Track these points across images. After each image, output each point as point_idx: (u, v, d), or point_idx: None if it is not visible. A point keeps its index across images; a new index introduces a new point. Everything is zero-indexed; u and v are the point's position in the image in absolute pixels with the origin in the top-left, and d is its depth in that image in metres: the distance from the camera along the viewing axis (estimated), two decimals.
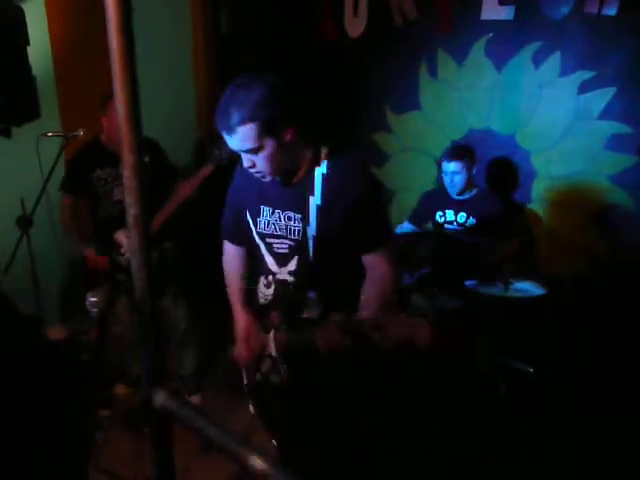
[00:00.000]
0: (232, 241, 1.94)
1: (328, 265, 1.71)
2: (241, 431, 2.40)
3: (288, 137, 1.55)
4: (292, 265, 1.75)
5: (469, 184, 3.09)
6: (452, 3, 3.43)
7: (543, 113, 3.31)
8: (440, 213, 3.19)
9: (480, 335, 2.81)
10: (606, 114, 3.11)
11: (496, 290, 2.71)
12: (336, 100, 3.90)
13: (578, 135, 3.22)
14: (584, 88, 3.14)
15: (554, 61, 3.20)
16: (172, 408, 0.98)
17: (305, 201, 1.66)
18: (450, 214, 3.16)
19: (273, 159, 1.56)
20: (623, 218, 3.17)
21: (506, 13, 3.26)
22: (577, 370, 2.86)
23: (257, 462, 0.85)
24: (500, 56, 3.37)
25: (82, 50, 3.39)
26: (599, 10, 2.98)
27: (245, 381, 1.91)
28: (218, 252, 2.01)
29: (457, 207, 3.14)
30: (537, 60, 3.25)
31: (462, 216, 3.11)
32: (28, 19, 2.60)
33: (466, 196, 3.12)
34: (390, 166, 3.94)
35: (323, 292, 1.73)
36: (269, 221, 1.75)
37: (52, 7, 3.36)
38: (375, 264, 1.70)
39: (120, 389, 2.95)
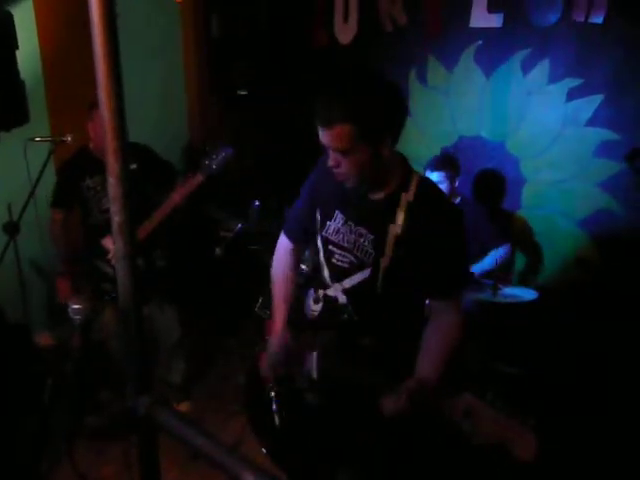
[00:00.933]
0: (289, 235, 1.82)
1: (391, 298, 1.58)
2: (231, 440, 2.39)
3: (385, 150, 1.44)
4: (348, 283, 1.62)
5: (451, 195, 3.08)
6: (442, 10, 3.46)
7: (532, 120, 3.33)
8: None
9: (469, 340, 2.81)
10: (594, 121, 3.14)
11: (484, 295, 2.72)
12: None
13: (567, 142, 3.25)
14: (572, 95, 3.17)
15: (542, 68, 3.23)
16: (157, 416, 0.97)
17: (384, 225, 1.52)
18: None
19: (362, 167, 1.45)
20: (612, 224, 3.19)
21: (495, 20, 3.29)
22: (567, 375, 2.87)
23: (244, 472, 0.85)
24: (489, 63, 3.40)
25: (71, 55, 3.37)
26: (586, 18, 3.02)
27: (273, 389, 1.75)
28: (208, 261, 1.96)
29: None
30: (526, 67, 3.28)
31: None
32: (17, 23, 2.58)
33: None
34: None
35: (376, 324, 1.61)
36: (339, 229, 1.62)
37: (41, 11, 3.35)
38: (444, 311, 1.55)
39: (107, 396, 2.93)
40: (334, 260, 1.64)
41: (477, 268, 2.99)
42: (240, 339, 3.27)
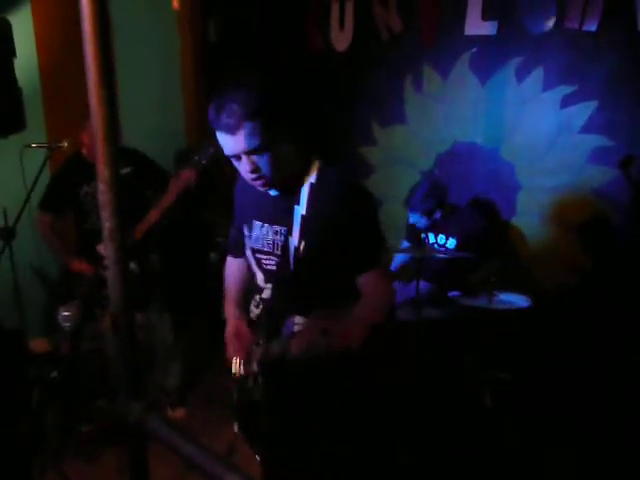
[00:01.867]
0: (232, 253, 1.91)
1: (310, 283, 1.61)
2: (225, 446, 2.38)
3: (290, 141, 1.51)
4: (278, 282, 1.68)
5: (441, 217, 3.06)
6: (437, 18, 3.48)
7: (527, 127, 3.35)
8: (423, 235, 3.19)
9: (465, 346, 2.82)
10: (588, 128, 3.15)
11: (480, 302, 2.73)
12: (322, 113, 3.93)
13: (561, 149, 3.26)
14: (566, 102, 3.19)
15: (537, 76, 3.25)
16: (148, 424, 0.97)
17: (290, 211, 1.58)
18: (431, 237, 3.16)
19: (277, 163, 1.48)
20: (607, 230, 3.20)
21: (489, 28, 3.31)
22: (562, 381, 2.87)
23: None
24: (484, 71, 3.41)
25: (68, 62, 3.38)
26: (580, 25, 3.03)
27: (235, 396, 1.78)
28: (203, 264, 2.01)
29: (436, 230, 3.12)
30: (520, 75, 3.30)
31: (442, 238, 3.11)
32: (14, 31, 2.61)
33: (436, 218, 3.08)
34: (375, 178, 3.96)
35: (304, 312, 1.63)
36: (259, 235, 1.68)
37: (39, 19, 3.37)
38: (371, 284, 1.59)
39: (102, 404, 2.92)
40: (264, 265, 1.70)
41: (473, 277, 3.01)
42: None
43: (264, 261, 1.69)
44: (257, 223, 1.69)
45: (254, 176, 1.50)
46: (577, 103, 3.15)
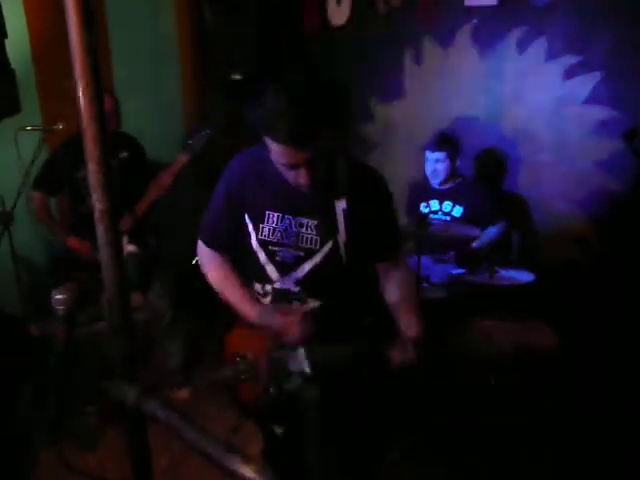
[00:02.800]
0: (214, 246, 1.73)
1: (350, 273, 1.64)
2: (227, 428, 2.39)
3: (339, 145, 1.50)
4: (298, 275, 1.63)
5: (452, 175, 3.08)
6: None
7: (529, 99, 3.29)
8: (424, 204, 3.17)
9: (467, 323, 2.81)
10: (592, 99, 3.10)
11: (482, 278, 2.71)
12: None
13: (564, 121, 3.21)
14: (570, 73, 3.13)
15: (539, 46, 3.18)
16: (146, 406, 0.96)
17: (326, 206, 1.56)
18: (434, 204, 3.15)
19: (329, 167, 1.48)
20: (611, 203, 3.17)
21: None
22: (566, 357, 2.87)
23: (235, 464, 0.84)
24: (485, 42, 3.35)
25: (61, 42, 3.32)
26: None
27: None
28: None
29: (441, 196, 3.13)
30: (522, 45, 3.23)
31: (447, 205, 3.11)
32: (5, 12, 2.55)
33: (449, 185, 3.12)
34: (375, 156, 3.92)
35: (333, 303, 1.66)
36: (275, 228, 1.60)
37: None
38: (394, 269, 1.67)
39: (105, 385, 2.93)
40: (278, 258, 1.63)
41: (476, 243, 3.00)
42: None
43: (280, 254, 1.62)
44: (273, 214, 1.61)
45: (306, 184, 1.46)
46: (581, 74, 3.09)
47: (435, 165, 3.04)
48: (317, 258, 1.60)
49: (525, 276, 2.73)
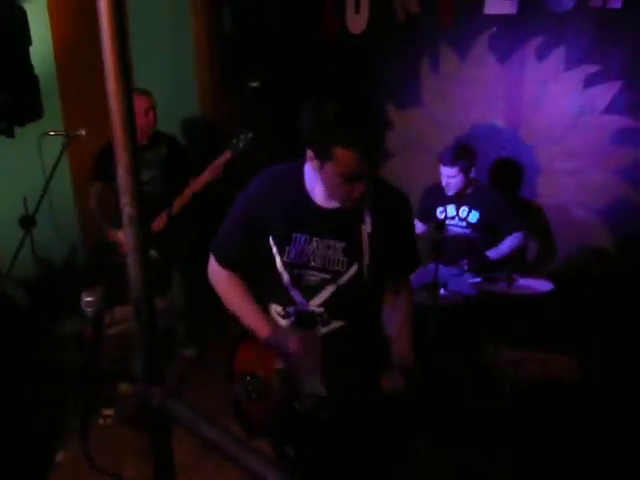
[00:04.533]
0: (227, 266, 1.69)
1: (371, 295, 1.64)
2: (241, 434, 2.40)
3: None
4: (321, 297, 1.61)
5: (467, 185, 3.06)
6: None
7: (548, 108, 3.28)
8: (441, 209, 3.17)
9: (484, 332, 2.79)
10: (612, 108, 3.08)
11: (500, 287, 2.69)
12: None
13: (583, 130, 3.19)
14: (589, 82, 3.11)
15: (558, 55, 3.17)
16: (169, 408, 0.98)
17: (353, 228, 1.55)
18: (451, 209, 3.14)
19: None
20: (630, 213, 3.14)
21: (509, 7, 3.23)
22: (583, 367, 2.84)
23: (256, 464, 0.85)
24: (503, 50, 3.35)
25: (84, 49, 3.38)
26: (604, 3, 2.95)
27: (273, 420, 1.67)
28: None
29: (458, 202, 3.12)
30: (541, 54, 3.23)
31: (464, 210, 3.09)
32: (30, 19, 2.61)
33: (466, 191, 3.10)
34: (392, 163, 3.92)
35: (356, 325, 1.65)
36: (302, 250, 1.57)
37: (54, 7, 3.37)
38: (401, 290, 1.68)
39: (123, 388, 2.97)
40: (304, 282, 1.61)
41: (493, 254, 2.98)
42: None
43: (306, 277, 1.60)
44: (301, 236, 1.57)
45: (358, 197, 1.46)
46: (601, 83, 3.07)
47: (448, 180, 3.04)
48: (343, 280, 1.58)
49: (543, 285, 2.71)
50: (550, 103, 3.26)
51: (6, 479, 1.78)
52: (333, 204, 1.54)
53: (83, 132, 2.69)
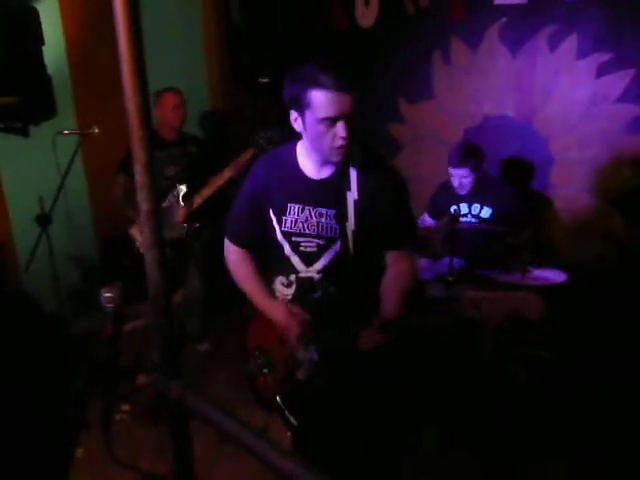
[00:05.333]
0: (239, 243, 1.83)
1: (363, 262, 1.69)
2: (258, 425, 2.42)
3: None
4: (320, 263, 1.70)
5: (478, 183, 3.04)
6: None
7: (560, 97, 3.25)
8: (454, 207, 3.16)
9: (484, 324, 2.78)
10: (625, 97, 3.05)
11: (514, 278, 2.68)
12: None
13: (596, 119, 3.16)
14: (602, 71, 3.08)
15: (570, 44, 3.14)
16: (188, 401, 0.99)
17: (341, 197, 1.64)
18: (464, 207, 3.12)
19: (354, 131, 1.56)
20: None
21: None
22: (597, 357, 2.83)
23: (274, 456, 0.86)
24: (515, 41, 3.32)
25: (96, 48, 3.41)
26: None
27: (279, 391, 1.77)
28: None
29: (470, 199, 3.10)
30: (552, 44, 3.19)
31: (476, 207, 3.08)
32: (42, 19, 2.64)
33: (476, 188, 3.08)
34: (404, 156, 3.92)
35: (353, 290, 1.71)
36: (297, 219, 1.70)
37: (66, 7, 3.39)
38: (399, 259, 1.70)
39: (142, 379, 3.01)
40: (302, 248, 1.71)
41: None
42: None
43: (303, 244, 1.70)
44: (295, 206, 1.69)
45: (343, 143, 1.53)
46: (614, 71, 3.04)
47: (460, 180, 3.03)
48: (337, 246, 1.67)
49: (558, 276, 2.70)
50: (562, 93, 3.23)
51: (28, 475, 1.82)
52: (323, 175, 1.66)
53: (96, 130, 2.72)
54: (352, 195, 1.63)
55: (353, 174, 1.64)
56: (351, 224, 1.64)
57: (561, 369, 2.76)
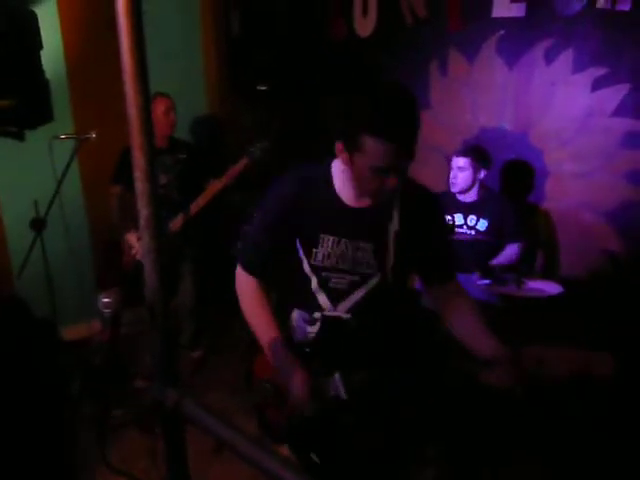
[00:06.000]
0: (254, 272, 1.61)
1: (394, 297, 1.59)
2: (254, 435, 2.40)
3: None
4: (350, 301, 1.56)
5: (472, 184, 3.07)
6: (463, 1, 3.42)
7: (556, 111, 3.28)
8: (449, 217, 3.17)
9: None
10: (620, 111, 3.07)
11: (509, 289, 2.69)
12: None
13: (592, 133, 3.18)
14: (597, 85, 3.10)
15: (567, 58, 3.17)
16: (184, 409, 0.98)
17: (382, 228, 1.50)
18: (459, 217, 3.13)
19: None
20: (638, 216, 3.13)
21: (517, 10, 3.23)
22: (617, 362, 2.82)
23: (271, 464, 0.85)
24: (511, 54, 3.34)
25: (94, 53, 3.42)
26: (612, 5, 2.95)
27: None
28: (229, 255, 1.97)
29: (465, 210, 3.11)
30: (549, 57, 3.22)
31: (472, 219, 3.09)
32: (41, 23, 2.62)
33: (473, 198, 3.10)
34: None
35: (379, 326, 1.60)
36: (330, 253, 1.52)
37: (65, 11, 3.40)
38: (457, 291, 1.58)
39: (140, 383, 2.99)
40: (331, 285, 1.55)
41: (495, 261, 2.99)
42: None
43: (334, 280, 1.55)
44: (328, 238, 1.51)
45: (391, 191, 1.41)
46: (609, 86, 3.07)
47: (457, 172, 3.05)
48: (372, 282, 1.54)
49: (553, 288, 2.71)
50: (558, 106, 3.25)
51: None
52: (362, 204, 1.50)
53: (93, 135, 2.71)
54: (393, 226, 1.49)
55: (395, 204, 1.49)
56: (390, 258, 1.50)
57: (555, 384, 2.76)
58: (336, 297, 1.56)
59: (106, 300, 1.00)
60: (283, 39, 4.17)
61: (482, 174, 3.07)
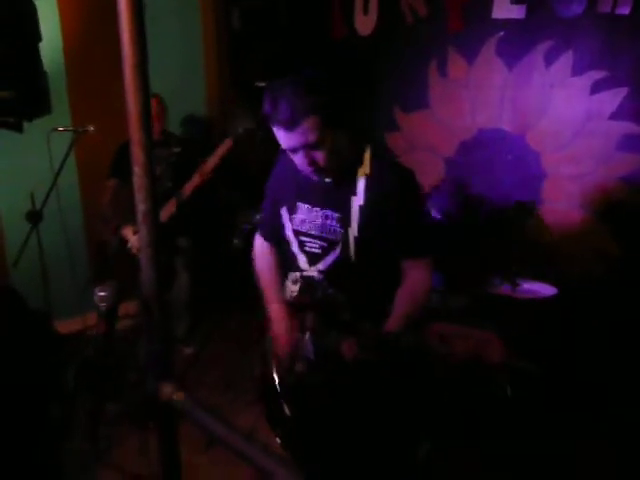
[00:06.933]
0: (266, 238, 1.92)
1: (364, 267, 1.68)
2: (245, 429, 2.41)
3: (344, 132, 1.57)
4: (322, 264, 1.71)
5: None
6: (463, 1, 3.42)
7: (554, 113, 3.28)
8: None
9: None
10: (618, 114, 3.08)
11: (504, 290, 2.70)
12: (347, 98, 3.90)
13: (590, 135, 3.19)
14: (596, 88, 3.11)
15: (566, 60, 3.17)
16: (177, 403, 0.99)
17: (347, 201, 1.63)
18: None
19: (333, 155, 1.54)
20: (634, 219, 3.14)
21: (517, 12, 3.23)
22: (589, 371, 2.84)
23: (263, 459, 0.86)
24: (511, 55, 3.35)
25: (93, 46, 3.41)
26: (612, 9, 2.95)
27: (277, 379, 1.81)
28: (226, 251, 2.01)
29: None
30: (548, 59, 3.23)
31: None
32: (40, 15, 2.62)
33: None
34: None
35: (353, 295, 1.70)
36: (305, 219, 1.72)
37: (64, 3, 3.39)
38: (412, 269, 1.69)
39: (134, 377, 2.99)
40: (307, 248, 1.74)
41: None
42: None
43: (308, 244, 1.73)
44: (303, 205, 1.72)
45: (311, 168, 1.56)
46: (608, 89, 3.07)
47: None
48: (339, 249, 1.67)
49: (548, 289, 2.72)
50: (557, 108, 3.26)
51: (16, 474, 1.80)
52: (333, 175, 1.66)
53: (91, 128, 2.71)
54: (357, 200, 1.62)
55: (360, 179, 1.62)
56: (354, 229, 1.63)
57: (548, 383, 2.77)
58: (312, 259, 1.73)
59: (102, 294, 1.00)
60: (283, 35, 4.17)
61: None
